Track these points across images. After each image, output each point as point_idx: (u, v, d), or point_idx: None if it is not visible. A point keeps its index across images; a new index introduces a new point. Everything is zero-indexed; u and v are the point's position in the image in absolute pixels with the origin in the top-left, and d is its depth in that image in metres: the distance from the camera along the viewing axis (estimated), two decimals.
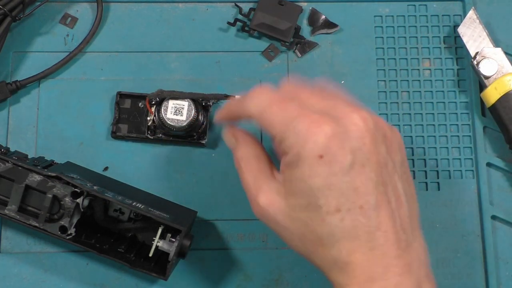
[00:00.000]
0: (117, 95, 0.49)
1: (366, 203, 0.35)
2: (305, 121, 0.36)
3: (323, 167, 0.35)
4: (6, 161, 0.43)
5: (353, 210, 0.35)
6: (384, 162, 0.37)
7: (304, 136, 0.36)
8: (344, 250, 0.36)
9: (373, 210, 0.35)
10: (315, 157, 0.35)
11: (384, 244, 0.36)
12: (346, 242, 0.36)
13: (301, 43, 0.52)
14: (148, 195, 0.48)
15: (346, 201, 0.35)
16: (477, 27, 0.50)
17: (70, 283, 0.47)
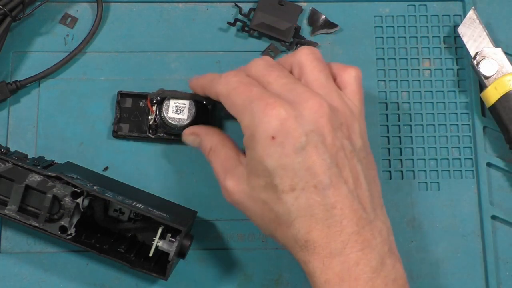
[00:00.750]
0: (118, 94, 0.49)
1: (319, 182, 0.37)
2: (261, 104, 0.38)
3: (276, 148, 0.37)
4: (6, 161, 0.43)
5: (307, 189, 0.37)
6: (341, 146, 0.38)
7: (259, 118, 0.38)
8: (302, 228, 0.38)
9: (328, 189, 0.37)
10: (268, 138, 0.37)
11: (341, 221, 0.37)
12: (303, 220, 0.37)
13: (301, 43, 0.52)
14: (148, 195, 0.48)
15: (300, 181, 0.37)
16: (477, 27, 0.50)
17: (70, 283, 0.47)
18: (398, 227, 0.49)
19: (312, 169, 0.37)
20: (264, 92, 0.39)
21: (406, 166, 0.50)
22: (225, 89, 0.41)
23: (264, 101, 0.38)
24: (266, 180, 0.38)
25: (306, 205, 0.37)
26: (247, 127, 0.39)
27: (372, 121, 0.51)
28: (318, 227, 0.37)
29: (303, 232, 0.38)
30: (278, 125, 0.37)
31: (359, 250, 0.37)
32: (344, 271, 0.37)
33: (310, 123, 0.38)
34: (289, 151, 0.37)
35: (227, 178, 0.41)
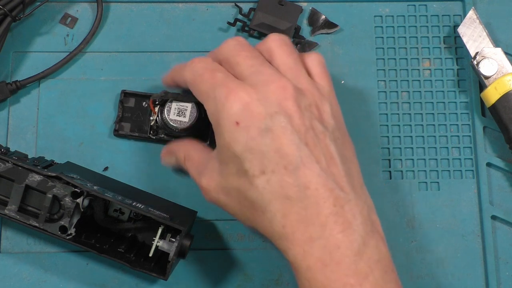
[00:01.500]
0: (121, 93, 0.49)
1: (289, 163, 0.36)
2: (223, 90, 0.38)
3: (241, 132, 0.37)
4: (6, 161, 0.43)
5: (278, 171, 0.36)
6: (310, 126, 0.38)
7: (222, 104, 0.37)
8: (278, 212, 0.37)
9: (299, 169, 0.36)
10: (232, 123, 0.37)
11: (318, 202, 0.36)
12: (277, 203, 0.37)
13: (301, 43, 0.52)
14: (148, 195, 0.48)
15: (269, 163, 0.36)
16: (477, 27, 0.50)
17: (70, 283, 0.47)
18: (398, 227, 0.49)
19: (281, 150, 0.36)
20: (227, 77, 0.39)
21: (406, 166, 0.50)
22: (191, 75, 0.41)
23: (226, 87, 0.38)
24: (237, 166, 0.37)
25: (279, 187, 0.36)
26: (212, 114, 0.38)
27: (372, 121, 0.51)
28: (294, 209, 0.36)
29: (279, 216, 0.37)
30: (240, 110, 0.37)
31: (339, 232, 0.36)
32: (325, 256, 0.36)
33: (274, 104, 0.37)
34: (255, 134, 0.36)
35: (201, 176, 0.41)
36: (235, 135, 0.37)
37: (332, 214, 0.36)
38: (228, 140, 0.37)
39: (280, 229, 0.37)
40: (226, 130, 0.37)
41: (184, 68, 0.42)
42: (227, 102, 0.37)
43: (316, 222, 0.36)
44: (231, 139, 0.37)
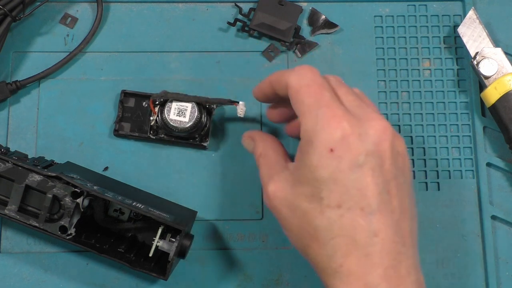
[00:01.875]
0: (121, 93, 0.49)
1: (367, 206, 0.36)
2: (328, 113, 0.37)
3: (332, 161, 0.36)
4: (6, 161, 0.43)
5: (354, 210, 0.36)
6: (395, 174, 0.37)
7: (321, 126, 0.36)
8: (339, 250, 0.36)
9: (374, 215, 0.36)
10: (326, 148, 0.36)
11: (381, 251, 0.36)
12: (342, 241, 0.36)
13: (301, 43, 0.52)
14: (148, 195, 0.48)
15: (348, 199, 0.36)
16: (477, 27, 0.50)
17: (70, 283, 0.47)
18: None
19: (364, 191, 0.36)
20: (334, 101, 0.37)
21: None
22: (297, 82, 0.39)
23: (332, 110, 0.37)
24: (313, 190, 0.36)
25: (349, 226, 0.36)
26: (307, 131, 0.37)
27: None
28: (356, 253, 0.36)
29: (339, 254, 0.36)
30: (339, 138, 0.36)
31: (394, 287, 0.36)
32: None
33: (372, 143, 0.36)
34: (345, 167, 0.36)
35: (270, 182, 0.39)
36: (326, 161, 0.36)
37: (390, 267, 0.36)
38: (316, 163, 0.36)
39: (336, 267, 0.36)
40: (317, 152, 0.36)
41: (288, 73, 0.40)
42: (328, 127, 0.36)
43: (374, 272, 0.35)
44: (320, 163, 0.36)
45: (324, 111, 0.37)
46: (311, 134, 0.37)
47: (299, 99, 0.38)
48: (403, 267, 0.36)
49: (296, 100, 0.38)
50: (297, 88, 0.38)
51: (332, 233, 0.36)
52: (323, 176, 0.36)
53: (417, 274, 0.38)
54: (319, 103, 0.37)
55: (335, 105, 0.37)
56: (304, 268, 0.48)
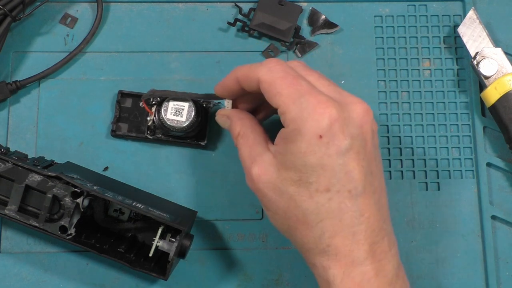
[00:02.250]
0: (118, 94, 0.49)
1: (354, 188, 0.37)
2: (313, 100, 0.37)
3: (321, 147, 0.36)
4: (6, 161, 0.43)
5: (342, 193, 0.37)
6: (375, 154, 0.39)
7: (308, 114, 0.37)
8: (327, 231, 0.37)
9: (359, 196, 0.37)
10: (315, 135, 0.36)
11: (366, 230, 0.37)
12: (329, 223, 0.37)
13: (301, 43, 0.52)
14: (148, 195, 0.48)
15: (337, 183, 0.37)
16: (477, 27, 0.50)
17: (70, 283, 0.47)
18: (398, 227, 0.49)
19: (351, 174, 0.37)
20: (313, 88, 0.38)
21: (406, 166, 0.50)
22: (269, 76, 0.39)
23: (315, 97, 0.37)
24: (301, 175, 0.37)
25: (337, 209, 0.37)
26: (292, 120, 0.37)
27: None
28: (343, 233, 0.37)
29: (327, 235, 0.37)
30: (327, 125, 0.36)
31: (378, 261, 0.37)
32: (364, 282, 0.37)
33: (356, 127, 0.37)
34: (333, 152, 0.36)
35: (254, 164, 0.39)
36: (315, 148, 0.36)
37: (375, 243, 0.37)
38: (305, 150, 0.37)
39: (324, 246, 0.37)
40: (306, 140, 0.37)
41: (258, 66, 0.40)
42: (315, 113, 0.37)
43: (361, 249, 0.37)
44: (309, 150, 0.37)
45: (308, 98, 0.37)
46: (298, 122, 0.37)
47: (275, 91, 0.38)
48: (385, 242, 0.38)
49: (272, 93, 0.39)
50: (271, 82, 0.39)
51: (320, 216, 0.37)
52: (312, 162, 0.37)
53: (395, 247, 0.39)
54: (299, 92, 0.38)
55: (316, 92, 0.38)
56: (304, 268, 0.47)
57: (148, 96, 0.47)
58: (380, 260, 0.38)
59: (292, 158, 0.37)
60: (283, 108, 0.38)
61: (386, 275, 0.38)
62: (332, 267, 0.37)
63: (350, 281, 0.37)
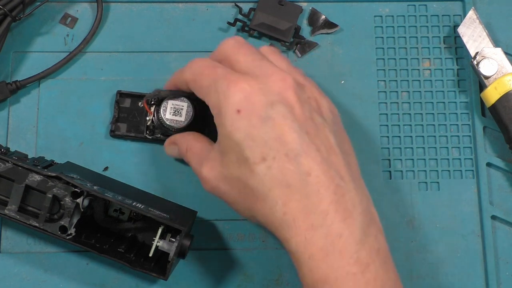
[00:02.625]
0: (117, 94, 0.49)
1: (291, 150, 0.37)
2: (225, 82, 0.39)
3: (242, 121, 0.37)
4: (6, 161, 0.43)
5: (279, 158, 0.37)
6: (310, 116, 0.39)
7: (223, 94, 0.38)
8: (279, 199, 0.37)
9: (300, 157, 0.37)
10: (234, 112, 0.38)
11: (319, 189, 0.37)
12: (278, 191, 0.37)
13: (301, 43, 0.52)
14: (148, 195, 0.48)
15: (270, 150, 0.37)
16: (477, 27, 0.50)
17: (70, 283, 0.47)
18: (398, 227, 0.49)
19: (282, 138, 0.37)
20: (228, 71, 0.40)
21: (406, 166, 0.50)
22: (191, 75, 0.42)
23: (227, 79, 0.39)
24: (238, 155, 0.38)
25: (280, 174, 0.37)
26: (214, 106, 0.39)
27: (372, 121, 0.51)
28: (296, 197, 0.37)
29: (280, 203, 0.37)
30: (242, 99, 0.38)
31: (341, 221, 0.36)
32: (328, 245, 0.36)
33: (275, 94, 0.38)
34: (256, 122, 0.37)
35: (202, 166, 0.41)
36: (237, 123, 0.37)
37: (333, 202, 0.37)
38: (230, 128, 0.38)
39: (281, 216, 0.37)
40: (227, 119, 0.38)
41: (183, 69, 0.43)
42: (228, 92, 0.38)
43: (318, 210, 0.36)
44: (233, 127, 0.38)
45: (221, 82, 0.39)
46: (218, 106, 0.39)
47: (198, 86, 0.41)
48: (347, 200, 0.37)
49: (196, 89, 0.41)
50: (194, 79, 0.41)
51: (267, 186, 0.37)
52: (239, 137, 0.37)
53: (363, 204, 0.38)
54: (214, 79, 0.39)
55: (229, 74, 0.39)
56: None
57: (153, 97, 0.47)
58: (344, 220, 0.36)
59: (226, 141, 0.38)
60: (206, 99, 0.40)
61: (352, 234, 0.36)
62: (293, 236, 0.37)
63: (313, 246, 0.36)
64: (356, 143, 0.50)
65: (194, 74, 0.42)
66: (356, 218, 0.37)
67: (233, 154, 0.38)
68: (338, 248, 0.36)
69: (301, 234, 0.36)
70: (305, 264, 0.37)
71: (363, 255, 0.36)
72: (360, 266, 0.36)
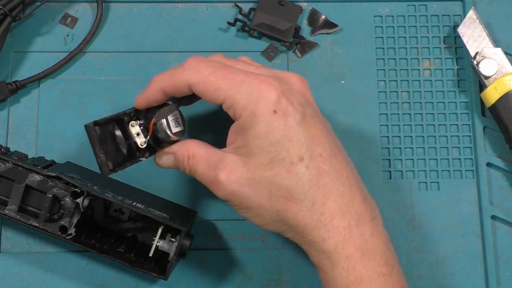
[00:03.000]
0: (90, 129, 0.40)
1: (324, 150, 0.38)
2: (255, 82, 0.37)
3: (280, 121, 0.37)
4: (6, 161, 0.43)
5: (315, 158, 0.37)
6: (322, 118, 0.40)
7: (257, 95, 0.37)
8: (317, 200, 0.37)
9: (332, 157, 0.38)
10: (270, 112, 0.37)
11: (351, 189, 0.38)
12: (316, 191, 0.37)
13: (301, 43, 0.52)
14: (148, 195, 0.48)
15: (307, 150, 0.37)
16: (477, 27, 0.50)
17: (70, 283, 0.47)
18: (398, 227, 0.49)
19: (315, 138, 0.37)
20: (249, 73, 0.38)
21: (406, 166, 0.50)
22: (199, 76, 0.39)
23: (256, 79, 0.38)
24: (271, 155, 0.37)
25: (317, 174, 0.37)
26: (244, 107, 0.37)
27: (372, 121, 0.51)
28: (332, 197, 0.37)
29: (318, 204, 0.37)
30: (277, 98, 0.37)
31: (370, 221, 0.37)
32: (363, 244, 0.37)
33: (300, 95, 0.39)
34: (292, 123, 0.37)
35: (218, 172, 0.38)
36: (274, 124, 0.37)
37: (363, 202, 0.38)
38: (266, 129, 0.37)
39: (318, 216, 0.37)
40: (263, 119, 0.37)
41: (181, 72, 0.39)
42: (263, 92, 0.37)
43: (353, 210, 0.37)
44: (270, 127, 0.37)
45: (250, 82, 0.37)
46: (250, 107, 0.37)
47: (213, 88, 0.38)
48: (369, 200, 0.39)
49: (210, 91, 0.38)
50: (204, 81, 0.38)
51: (305, 186, 0.37)
52: (277, 138, 0.37)
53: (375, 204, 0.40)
54: (237, 80, 0.38)
55: (253, 75, 0.38)
56: (304, 268, 0.48)
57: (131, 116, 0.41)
58: (372, 219, 0.38)
59: (257, 142, 0.37)
60: (229, 101, 0.38)
61: (380, 235, 0.37)
62: (331, 236, 0.37)
63: (351, 246, 0.37)
64: (356, 143, 0.50)
65: (203, 75, 0.38)
66: (379, 218, 0.38)
67: (265, 155, 0.37)
68: (371, 249, 0.37)
69: (339, 233, 0.37)
70: (341, 264, 0.37)
71: (390, 257, 0.38)
72: (388, 267, 0.37)
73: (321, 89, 0.51)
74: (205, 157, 0.40)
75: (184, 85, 0.39)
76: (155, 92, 0.41)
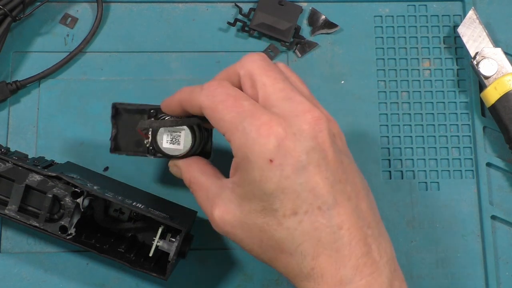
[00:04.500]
0: (112, 109, 0.44)
1: (324, 203, 0.34)
2: (256, 122, 0.34)
3: (275, 171, 0.34)
4: (6, 161, 0.43)
5: (311, 212, 0.34)
6: (340, 159, 0.35)
7: (253, 139, 0.34)
8: (308, 255, 0.34)
9: (333, 209, 0.34)
10: (265, 161, 0.34)
11: (350, 243, 0.34)
12: (308, 246, 0.34)
13: (301, 43, 0.52)
14: (148, 195, 0.48)
15: (303, 203, 0.34)
16: (477, 27, 0.50)
17: (70, 283, 0.47)
18: (398, 227, 0.49)
19: (315, 190, 0.34)
20: (256, 107, 0.35)
21: (406, 166, 0.50)
22: (210, 101, 0.36)
23: (257, 119, 0.34)
24: (264, 204, 0.34)
25: (311, 229, 0.34)
26: (239, 148, 0.35)
27: (372, 121, 0.51)
28: (326, 252, 0.34)
29: (309, 258, 0.34)
30: (275, 146, 0.33)
31: (369, 275, 0.34)
32: None
33: (309, 139, 0.34)
34: (289, 173, 0.33)
35: (214, 207, 0.37)
36: (268, 173, 0.34)
37: (363, 255, 0.34)
38: (259, 178, 0.34)
39: (308, 271, 0.35)
40: (257, 167, 0.34)
41: (198, 92, 0.37)
42: (260, 137, 0.34)
43: (348, 265, 0.34)
44: (263, 177, 0.34)
45: (250, 121, 0.34)
46: (245, 150, 0.34)
47: (218, 117, 0.36)
48: (374, 251, 0.35)
49: (215, 119, 0.36)
50: (213, 107, 0.36)
51: (296, 241, 0.34)
52: (270, 188, 0.34)
53: (388, 252, 0.36)
54: (240, 115, 0.35)
55: (259, 112, 0.34)
56: None
57: (146, 127, 0.42)
58: (371, 273, 0.34)
59: (250, 189, 0.34)
60: (228, 135, 0.35)
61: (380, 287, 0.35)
62: None
63: None
64: (356, 143, 0.50)
65: (214, 101, 0.36)
66: (383, 269, 0.35)
67: (258, 203, 0.35)
68: None
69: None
70: None
71: None
72: None
73: (321, 89, 0.51)
74: (205, 187, 0.39)
75: (197, 106, 0.37)
76: (175, 102, 0.40)
